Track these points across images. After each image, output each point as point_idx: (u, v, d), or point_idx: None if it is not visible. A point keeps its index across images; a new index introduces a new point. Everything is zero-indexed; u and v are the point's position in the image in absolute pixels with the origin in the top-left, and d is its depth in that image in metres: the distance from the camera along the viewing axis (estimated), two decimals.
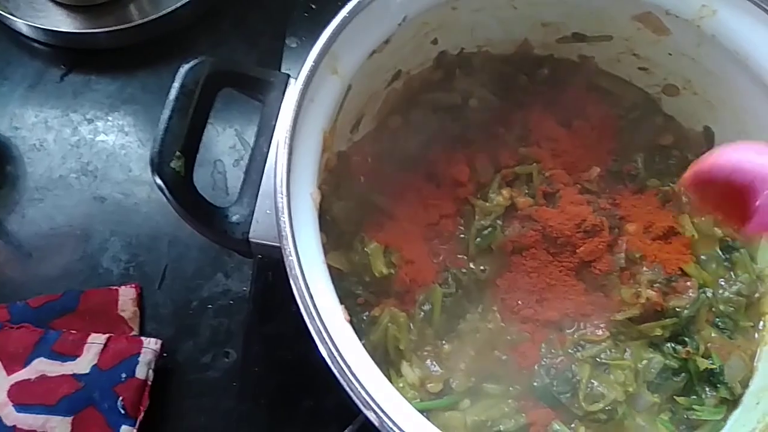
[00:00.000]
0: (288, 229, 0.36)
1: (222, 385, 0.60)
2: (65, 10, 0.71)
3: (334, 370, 0.35)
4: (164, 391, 0.58)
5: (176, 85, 0.42)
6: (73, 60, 0.71)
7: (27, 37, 0.71)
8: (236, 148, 0.68)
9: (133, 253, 0.64)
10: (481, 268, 0.51)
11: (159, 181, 0.40)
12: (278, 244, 0.38)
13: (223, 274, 0.64)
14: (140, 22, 0.70)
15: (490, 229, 0.51)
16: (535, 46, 0.56)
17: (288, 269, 0.36)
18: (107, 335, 0.58)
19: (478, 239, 0.51)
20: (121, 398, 0.55)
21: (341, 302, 0.41)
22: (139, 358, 0.57)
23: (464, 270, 0.51)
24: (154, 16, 0.70)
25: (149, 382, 0.57)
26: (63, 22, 0.70)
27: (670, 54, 0.51)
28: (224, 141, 0.70)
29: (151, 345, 0.58)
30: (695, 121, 0.55)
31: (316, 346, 0.36)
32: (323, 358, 0.35)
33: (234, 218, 0.42)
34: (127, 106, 0.70)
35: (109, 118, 0.70)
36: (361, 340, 0.45)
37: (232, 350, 0.60)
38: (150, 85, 0.71)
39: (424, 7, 0.46)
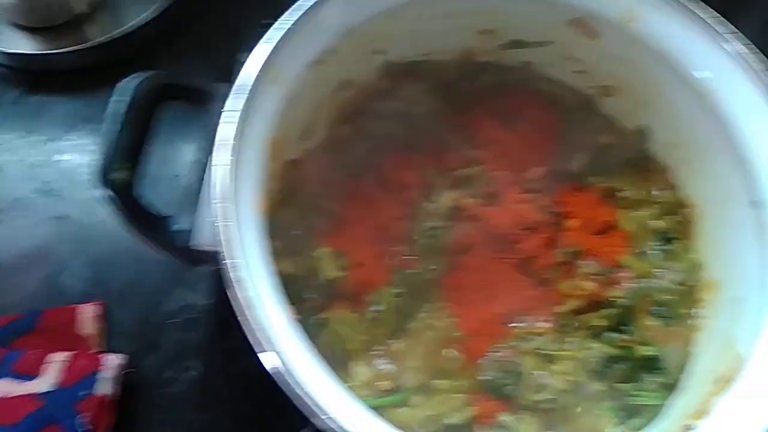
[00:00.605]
0: (228, 235, 0.37)
1: (186, 399, 0.59)
2: (23, 32, 0.71)
3: (275, 377, 0.35)
4: (128, 406, 0.58)
5: (120, 98, 0.43)
6: (32, 81, 0.72)
7: None
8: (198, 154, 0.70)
9: (95, 270, 0.64)
10: (431, 267, 0.52)
11: (103, 192, 0.41)
12: (220, 250, 0.39)
13: (186, 288, 0.64)
14: (100, 41, 0.71)
15: (437, 229, 0.53)
16: (477, 53, 0.57)
17: (227, 274, 0.37)
18: (68, 353, 0.58)
19: (426, 240, 0.53)
20: (83, 416, 0.55)
21: (291, 307, 0.42)
22: (101, 375, 0.57)
23: (413, 270, 0.52)
24: (113, 36, 0.71)
25: (112, 399, 0.57)
26: (21, 44, 0.71)
27: (603, 56, 0.53)
28: (183, 156, 0.70)
29: (113, 361, 0.58)
30: (631, 120, 0.57)
31: (254, 349, 0.36)
32: (262, 366, 0.36)
33: (176, 227, 0.43)
34: (86, 126, 0.71)
35: (69, 138, 0.70)
36: (312, 341, 0.47)
37: (196, 364, 0.60)
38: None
39: (366, 18, 0.48)
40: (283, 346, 0.36)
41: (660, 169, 0.57)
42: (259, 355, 0.37)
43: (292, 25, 0.44)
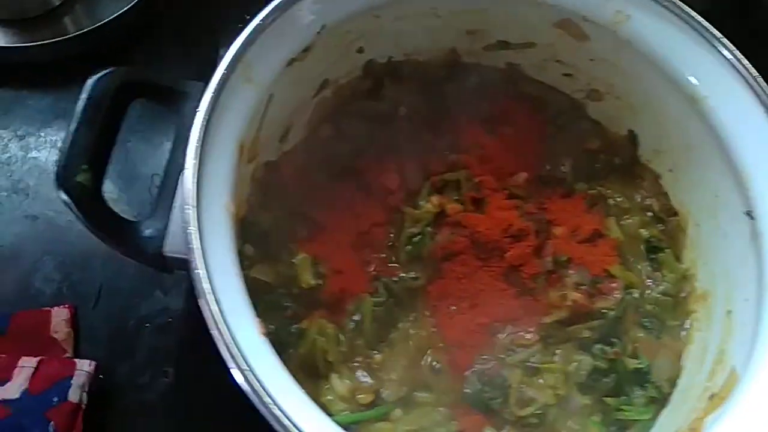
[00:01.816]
0: (196, 242, 0.36)
1: (160, 406, 0.58)
2: None
3: (244, 389, 0.34)
4: (99, 414, 0.56)
5: (83, 96, 0.41)
6: (4, 75, 0.69)
7: None
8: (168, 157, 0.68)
9: (67, 272, 0.62)
10: (412, 275, 0.51)
11: (64, 196, 0.39)
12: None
13: (161, 291, 0.63)
14: (75, 34, 0.69)
15: (420, 236, 0.51)
16: (462, 54, 0.56)
17: (195, 283, 0.35)
18: (38, 358, 0.56)
19: (409, 247, 0.51)
20: (52, 423, 0.54)
21: (267, 316, 0.41)
22: (72, 381, 0.55)
23: (395, 278, 0.51)
24: (89, 28, 0.69)
25: (83, 406, 0.55)
26: None
27: (592, 59, 0.52)
28: (161, 155, 0.68)
29: (84, 367, 0.56)
30: (619, 124, 0.56)
31: (226, 363, 0.35)
32: (232, 377, 0.34)
33: (147, 232, 0.41)
34: (60, 121, 0.69)
35: (42, 134, 0.68)
36: (288, 353, 0.45)
37: (171, 369, 0.59)
38: None
39: (344, 16, 0.46)
40: (252, 362, 0.34)
41: (649, 176, 0.56)
42: (227, 365, 0.35)
43: (267, 22, 0.42)
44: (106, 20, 0.70)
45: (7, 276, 0.62)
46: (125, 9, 0.71)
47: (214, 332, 0.34)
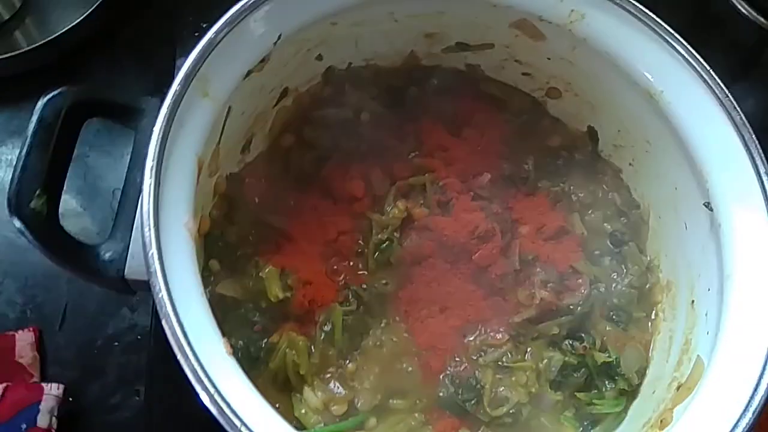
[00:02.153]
0: (156, 264, 0.35)
1: (132, 425, 0.58)
2: None
3: (213, 410, 0.33)
4: None
5: (34, 118, 0.40)
6: None
7: None
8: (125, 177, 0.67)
9: (30, 294, 0.61)
10: (383, 282, 0.51)
11: (18, 224, 0.37)
12: None
13: (129, 309, 0.63)
14: (27, 48, 0.67)
15: (387, 242, 0.51)
16: (422, 57, 0.56)
17: (158, 307, 0.34)
18: (4, 384, 0.55)
19: (377, 253, 0.51)
20: None
21: (235, 333, 0.40)
22: (41, 406, 0.55)
23: (365, 286, 0.50)
24: (41, 42, 0.67)
25: (53, 430, 0.54)
26: None
27: (549, 58, 0.53)
28: (122, 169, 0.66)
29: (53, 391, 0.56)
30: (579, 121, 0.56)
31: (192, 386, 0.34)
32: (200, 400, 0.34)
33: (107, 255, 0.40)
34: (15, 139, 0.68)
35: None
36: (259, 369, 0.45)
37: (142, 387, 0.58)
38: None
39: (301, 25, 0.46)
40: (219, 383, 0.34)
41: (610, 170, 0.56)
42: (194, 387, 0.35)
43: (221, 35, 0.41)
44: (59, 33, 0.69)
45: None
46: (77, 21, 0.69)
47: (179, 355, 0.34)
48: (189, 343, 0.34)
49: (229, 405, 0.33)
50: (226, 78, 0.42)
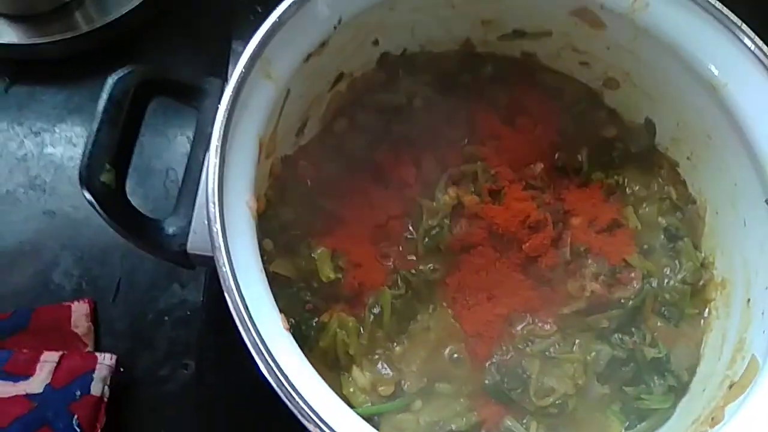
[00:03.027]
0: (221, 240, 0.36)
1: (181, 397, 0.59)
2: (7, 20, 0.69)
3: (273, 383, 0.34)
4: (121, 406, 0.57)
5: (104, 96, 0.41)
6: (17, 71, 0.70)
7: None
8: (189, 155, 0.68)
9: (86, 267, 0.63)
10: (431, 267, 0.51)
11: (88, 196, 0.39)
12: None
13: (179, 285, 0.64)
14: (86, 30, 0.69)
15: (437, 228, 0.51)
16: (477, 44, 0.56)
17: (222, 281, 0.35)
18: (60, 353, 0.57)
19: (427, 239, 0.51)
20: (76, 416, 0.55)
21: (288, 310, 0.41)
22: (94, 375, 0.56)
23: (413, 271, 0.51)
24: (100, 24, 0.69)
25: (105, 399, 0.56)
26: (5, 33, 0.69)
27: (608, 48, 0.52)
28: (176, 149, 0.69)
29: (106, 360, 0.57)
30: (636, 113, 0.56)
31: (253, 358, 0.35)
32: (260, 371, 0.35)
33: (171, 230, 0.42)
34: (74, 117, 0.69)
35: (56, 130, 0.69)
36: (310, 346, 0.46)
37: (190, 362, 0.60)
38: (97, 94, 0.66)
39: (360, 9, 0.46)
40: (278, 357, 0.35)
41: (667, 164, 0.56)
42: (255, 360, 0.36)
43: (285, 17, 0.42)
44: (117, 14, 0.70)
45: (28, 271, 0.62)
46: (135, 2, 0.70)
47: (241, 328, 0.35)
48: (250, 317, 0.35)
49: (286, 377, 0.34)
50: (288, 61, 0.43)
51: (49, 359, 0.56)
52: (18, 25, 0.69)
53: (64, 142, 0.68)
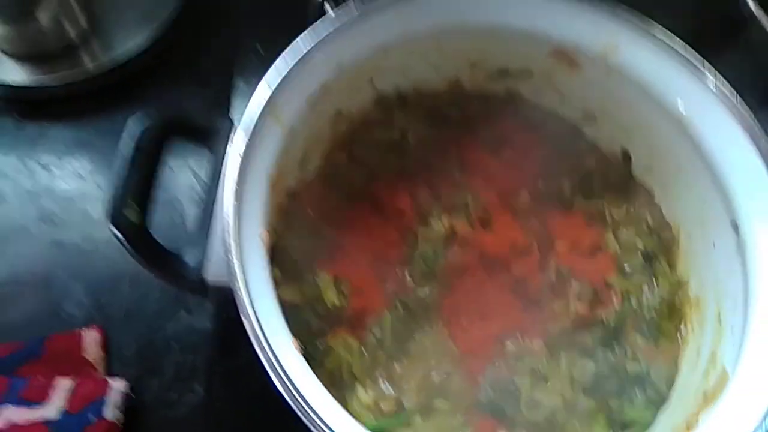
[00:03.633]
0: (238, 271, 0.39)
1: (190, 420, 0.60)
2: (17, 62, 0.71)
3: (289, 401, 0.38)
4: (132, 430, 0.59)
5: (126, 137, 0.44)
6: (27, 109, 0.72)
7: None
8: (193, 187, 0.70)
9: (95, 296, 0.65)
10: (427, 291, 0.54)
11: (115, 231, 0.42)
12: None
13: (186, 311, 0.65)
14: (93, 69, 0.71)
15: (432, 254, 0.55)
16: (465, 83, 0.59)
17: (240, 308, 0.39)
18: (74, 378, 0.59)
19: (422, 265, 0.55)
20: None
21: (296, 334, 0.44)
22: (107, 399, 0.58)
23: (411, 294, 0.54)
24: (106, 63, 0.71)
25: (118, 423, 0.58)
26: (15, 74, 0.71)
27: (585, 86, 0.56)
28: (180, 181, 0.71)
29: (117, 386, 0.59)
30: (613, 144, 0.59)
31: (271, 380, 0.38)
32: (278, 391, 0.38)
33: (189, 262, 0.45)
34: (82, 151, 0.72)
35: (65, 165, 0.71)
36: (316, 367, 0.49)
37: (197, 386, 0.61)
38: (104, 130, 0.72)
39: (358, 56, 0.50)
40: (294, 378, 0.38)
41: (643, 191, 0.59)
42: (273, 382, 0.39)
43: (291, 67, 0.46)
44: (123, 55, 0.71)
45: (41, 301, 0.64)
46: (141, 43, 0.72)
47: (260, 352, 0.38)
48: (267, 341, 0.38)
49: (302, 396, 0.38)
50: (294, 104, 0.47)
51: (63, 385, 0.58)
52: (27, 65, 0.71)
53: (73, 176, 0.70)
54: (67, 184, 0.70)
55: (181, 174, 0.71)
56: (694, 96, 0.50)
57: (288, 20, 0.72)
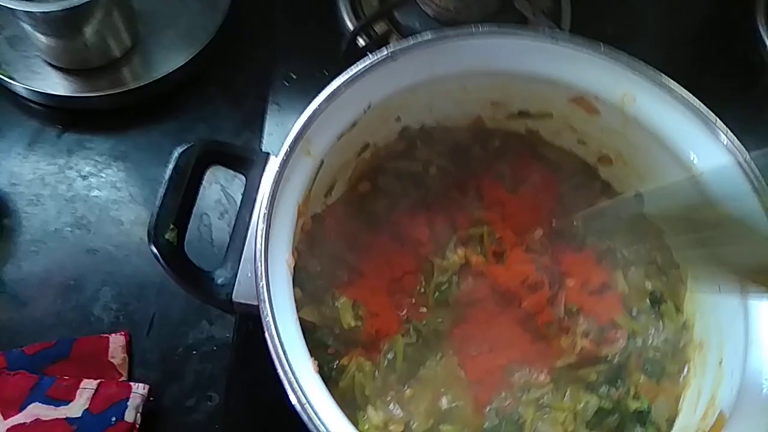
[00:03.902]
0: (265, 294, 0.42)
1: (206, 427, 0.63)
2: (62, 74, 0.75)
3: (304, 418, 0.40)
4: None
5: (170, 166, 0.48)
6: (69, 120, 0.75)
7: (25, 99, 0.75)
8: (221, 202, 0.72)
9: (123, 302, 0.67)
10: (439, 319, 0.56)
11: (155, 251, 0.45)
12: (257, 304, 0.44)
13: (207, 322, 0.67)
14: (133, 85, 0.74)
15: (447, 284, 0.57)
16: (487, 121, 0.62)
17: (265, 328, 0.42)
18: (98, 381, 0.61)
19: (437, 293, 0.57)
20: None
21: (313, 353, 0.47)
22: (128, 402, 0.61)
23: (424, 321, 0.56)
24: (145, 80, 0.75)
25: (137, 425, 0.60)
26: (59, 86, 0.74)
27: (602, 130, 0.58)
28: (210, 196, 0.73)
29: (139, 390, 0.61)
30: (627, 186, 0.61)
31: (288, 396, 0.41)
32: (294, 407, 0.41)
33: (219, 281, 0.48)
34: (119, 163, 0.75)
35: (102, 175, 0.74)
36: (331, 386, 0.51)
37: (215, 394, 0.64)
38: (141, 143, 0.75)
39: (387, 95, 0.53)
40: (310, 396, 0.41)
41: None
42: (290, 398, 0.41)
43: (323, 106, 0.49)
44: (162, 72, 0.74)
45: (71, 304, 0.67)
46: (180, 62, 0.75)
47: (280, 371, 0.41)
48: (287, 360, 0.41)
49: (316, 413, 0.40)
50: (325, 140, 0.50)
51: (87, 386, 0.61)
52: (72, 79, 0.75)
53: (109, 186, 0.73)
54: (102, 193, 0.73)
55: (210, 190, 0.73)
56: (706, 149, 0.52)
57: (321, 50, 0.76)
